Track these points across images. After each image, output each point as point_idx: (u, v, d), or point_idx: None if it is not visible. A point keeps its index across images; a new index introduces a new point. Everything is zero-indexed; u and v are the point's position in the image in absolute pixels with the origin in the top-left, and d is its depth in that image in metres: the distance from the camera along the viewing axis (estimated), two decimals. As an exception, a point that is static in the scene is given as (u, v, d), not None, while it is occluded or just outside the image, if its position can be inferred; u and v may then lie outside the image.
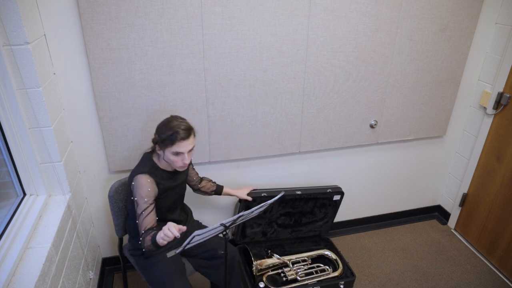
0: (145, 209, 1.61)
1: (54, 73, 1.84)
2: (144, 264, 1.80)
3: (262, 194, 2.28)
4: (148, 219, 1.61)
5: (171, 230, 1.42)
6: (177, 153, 1.62)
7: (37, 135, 1.70)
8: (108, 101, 1.93)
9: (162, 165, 1.73)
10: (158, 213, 1.71)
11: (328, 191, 2.41)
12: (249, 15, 1.93)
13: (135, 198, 1.63)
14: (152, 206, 1.64)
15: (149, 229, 1.60)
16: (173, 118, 1.68)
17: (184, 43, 1.90)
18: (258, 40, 2.00)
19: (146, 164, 1.71)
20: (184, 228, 1.45)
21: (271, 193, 2.30)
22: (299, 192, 2.35)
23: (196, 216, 2.21)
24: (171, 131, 1.59)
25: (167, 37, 1.86)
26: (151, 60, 1.89)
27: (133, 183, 1.65)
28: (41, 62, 1.64)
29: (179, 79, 1.97)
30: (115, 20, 1.76)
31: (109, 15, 1.74)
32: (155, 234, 1.52)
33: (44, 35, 1.74)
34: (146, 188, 1.62)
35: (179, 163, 1.65)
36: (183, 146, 1.61)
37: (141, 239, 1.60)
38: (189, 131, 1.63)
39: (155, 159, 1.73)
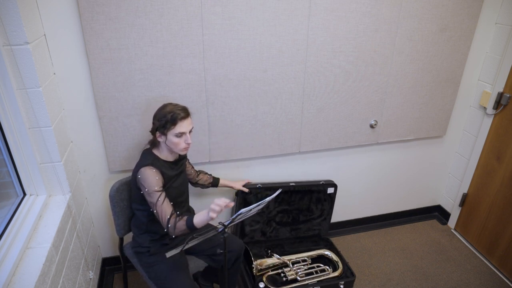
0: (159, 197, 1.62)
1: (54, 73, 1.84)
2: (148, 262, 1.80)
3: (258, 185, 2.33)
4: (166, 205, 1.62)
5: (219, 202, 1.50)
6: (180, 134, 1.66)
7: (37, 135, 1.70)
8: (108, 101, 1.93)
9: (163, 155, 1.75)
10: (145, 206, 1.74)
11: (321, 183, 2.46)
12: (249, 15, 1.93)
13: (146, 190, 1.63)
14: (164, 193, 1.65)
15: (171, 215, 1.60)
16: (167, 103, 1.72)
17: (184, 43, 1.90)
18: (258, 40, 2.00)
19: (147, 157, 1.72)
20: (231, 204, 1.54)
21: (266, 185, 2.36)
22: (292, 184, 2.40)
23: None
24: (170, 113, 1.64)
25: (167, 37, 1.86)
26: (151, 60, 1.89)
27: (139, 176, 1.65)
28: (41, 62, 1.64)
29: (179, 79, 1.97)
30: (115, 20, 1.76)
31: (109, 15, 1.74)
32: (190, 218, 1.57)
33: (44, 35, 1.74)
34: (153, 177, 1.63)
35: (182, 145, 1.68)
36: (184, 126, 1.66)
37: (169, 225, 1.59)
38: (186, 110, 1.69)
39: (155, 151, 1.75)
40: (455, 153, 2.86)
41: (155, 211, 1.63)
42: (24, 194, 1.78)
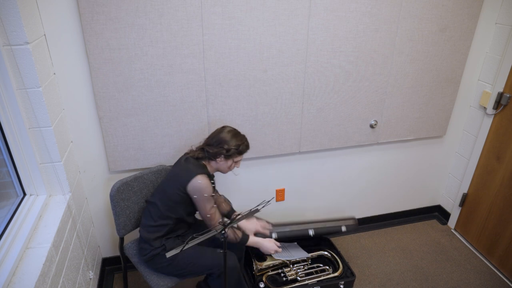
0: (214, 204, 1.78)
1: (54, 73, 1.84)
2: (168, 259, 1.80)
3: (271, 233, 2.17)
4: (218, 212, 1.81)
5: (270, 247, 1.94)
6: (237, 162, 1.85)
7: (37, 135, 1.70)
8: (108, 101, 1.93)
9: (209, 169, 1.86)
10: (178, 213, 1.80)
11: (342, 229, 2.24)
12: (249, 15, 1.93)
13: (205, 195, 1.74)
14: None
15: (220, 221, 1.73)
16: (233, 130, 1.84)
17: (184, 43, 1.90)
18: (258, 40, 2.00)
19: (200, 167, 1.80)
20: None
21: (281, 233, 2.18)
22: (311, 231, 2.20)
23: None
24: (243, 144, 1.81)
25: (167, 37, 1.86)
26: (151, 60, 1.89)
27: (199, 181, 1.72)
28: (41, 62, 1.64)
29: (179, 79, 1.97)
30: (115, 20, 1.76)
31: (109, 15, 1.74)
32: (245, 237, 1.88)
33: (44, 35, 1.74)
34: (210, 187, 1.76)
35: (231, 169, 1.87)
36: (243, 156, 1.87)
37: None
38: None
39: (205, 163, 1.84)
40: (455, 153, 2.86)
41: (208, 215, 1.76)
42: (24, 194, 1.78)
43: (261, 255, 2.31)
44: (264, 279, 2.23)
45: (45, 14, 1.71)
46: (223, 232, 1.54)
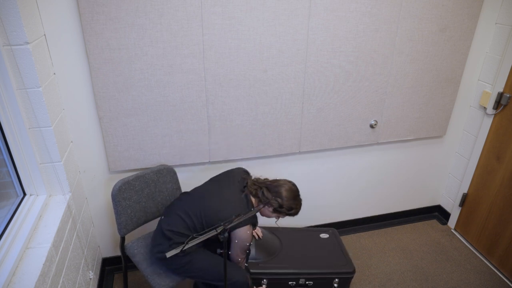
0: (247, 250, 1.83)
1: (54, 73, 1.84)
2: (182, 262, 1.79)
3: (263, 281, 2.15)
4: (246, 259, 1.92)
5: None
6: (279, 218, 1.86)
7: (37, 135, 1.70)
8: (108, 101, 1.93)
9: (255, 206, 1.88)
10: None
11: (336, 279, 2.19)
12: (249, 15, 1.93)
13: (246, 244, 1.76)
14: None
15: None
16: (295, 190, 1.82)
17: (184, 43, 1.90)
18: (258, 40, 2.00)
19: (254, 216, 1.80)
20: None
21: (272, 280, 2.15)
22: (303, 279, 2.16)
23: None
24: (295, 206, 1.79)
25: (167, 37, 1.86)
26: (151, 60, 1.89)
27: (248, 232, 1.73)
28: (41, 62, 1.64)
29: (179, 79, 1.97)
30: (115, 20, 1.76)
31: (109, 15, 1.74)
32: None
33: (44, 35, 1.74)
34: (251, 238, 1.78)
35: (270, 217, 1.86)
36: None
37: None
38: None
39: (254, 203, 1.84)
40: (455, 153, 2.86)
41: (238, 259, 1.81)
42: (24, 194, 1.78)
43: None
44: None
45: (45, 14, 1.71)
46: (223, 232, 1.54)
